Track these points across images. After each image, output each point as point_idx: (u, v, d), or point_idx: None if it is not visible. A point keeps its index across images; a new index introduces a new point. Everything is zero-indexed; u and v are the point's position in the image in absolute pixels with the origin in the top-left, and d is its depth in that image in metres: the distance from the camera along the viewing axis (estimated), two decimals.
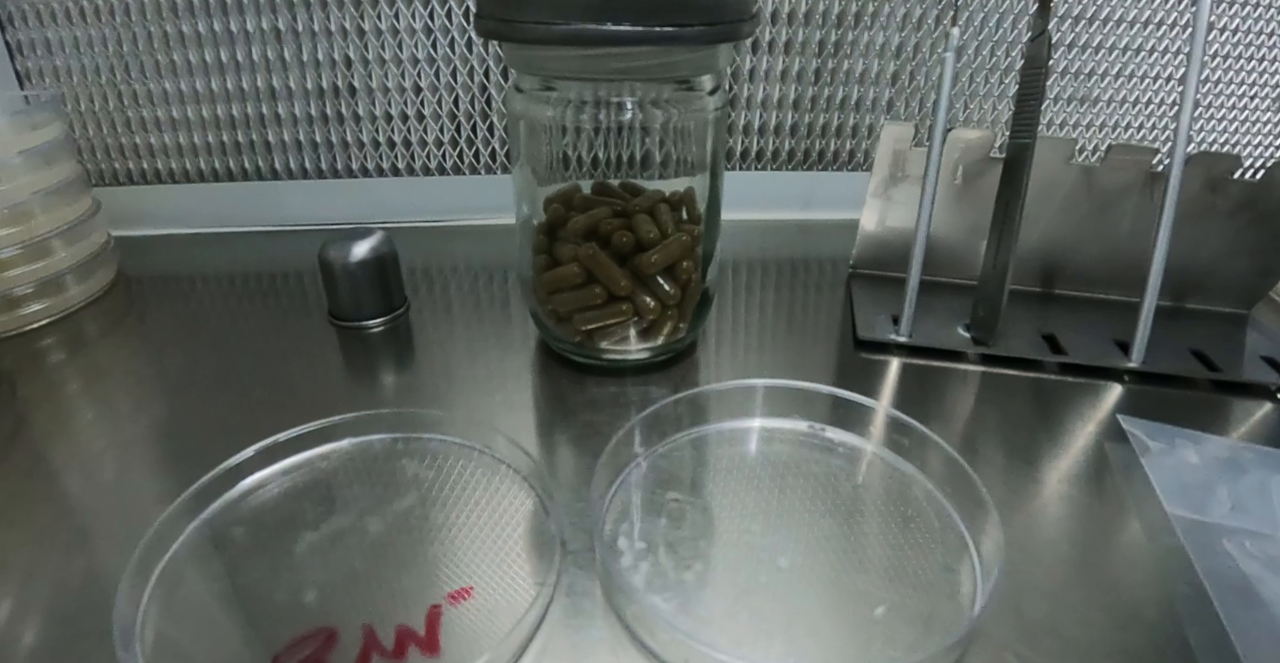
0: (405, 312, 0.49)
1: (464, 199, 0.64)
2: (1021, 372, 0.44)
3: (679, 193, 0.40)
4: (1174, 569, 0.30)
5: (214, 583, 0.29)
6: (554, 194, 0.40)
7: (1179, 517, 0.33)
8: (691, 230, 0.40)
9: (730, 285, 0.54)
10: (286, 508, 0.32)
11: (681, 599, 0.28)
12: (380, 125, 0.61)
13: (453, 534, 0.31)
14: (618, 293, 0.39)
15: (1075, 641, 0.27)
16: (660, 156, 0.39)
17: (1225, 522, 0.33)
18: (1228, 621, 0.28)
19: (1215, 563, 0.31)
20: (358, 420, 0.36)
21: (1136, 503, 0.34)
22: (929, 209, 0.44)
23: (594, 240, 0.39)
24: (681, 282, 0.40)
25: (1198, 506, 0.34)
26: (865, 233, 0.53)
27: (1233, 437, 0.39)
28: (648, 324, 0.40)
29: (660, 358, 0.43)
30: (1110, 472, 0.36)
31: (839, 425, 0.38)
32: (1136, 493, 0.35)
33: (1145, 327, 0.43)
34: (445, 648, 0.26)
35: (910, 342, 0.46)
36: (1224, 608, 0.29)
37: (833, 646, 0.27)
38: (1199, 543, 0.32)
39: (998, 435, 0.38)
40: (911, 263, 0.45)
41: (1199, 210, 0.47)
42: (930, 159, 0.44)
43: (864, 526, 0.32)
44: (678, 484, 0.34)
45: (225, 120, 0.60)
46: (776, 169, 0.66)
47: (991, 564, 0.29)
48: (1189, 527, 0.32)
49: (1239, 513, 0.33)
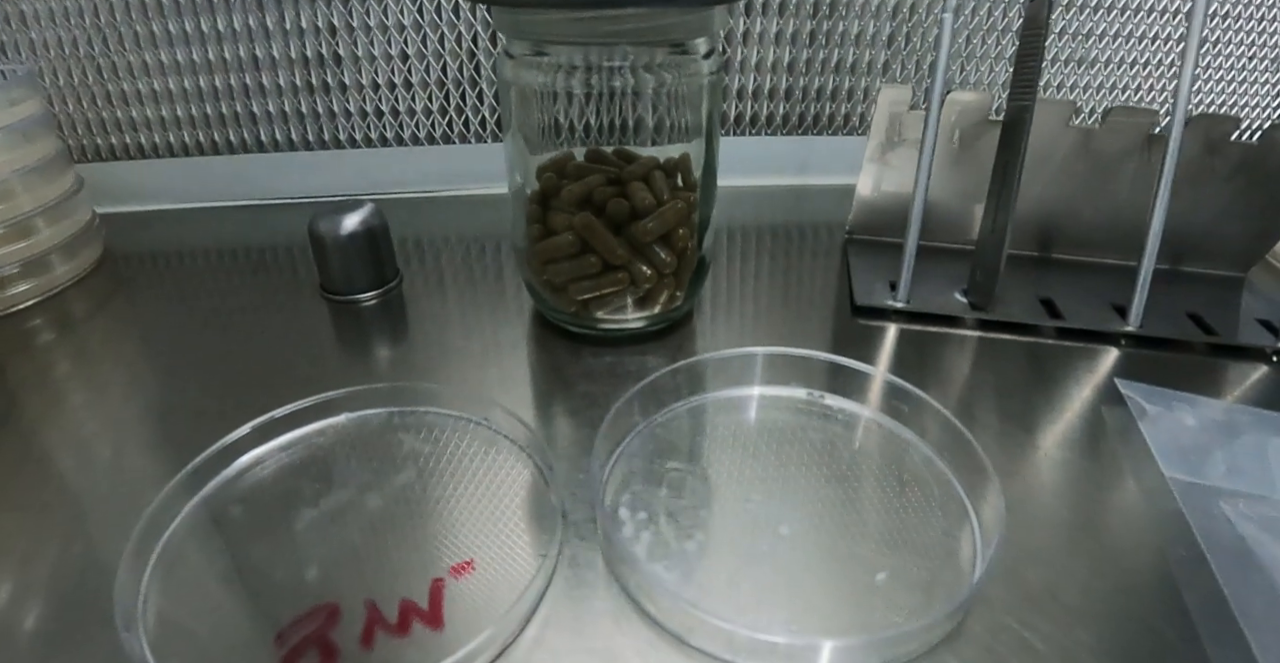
0: (398, 284, 0.48)
1: (454, 169, 0.63)
2: (1019, 336, 0.44)
3: (674, 159, 0.40)
4: (1171, 532, 0.31)
5: (214, 562, 0.29)
6: (547, 162, 0.39)
7: (1176, 480, 0.33)
8: (687, 197, 0.39)
9: (725, 253, 0.54)
10: (284, 485, 0.32)
11: (683, 568, 0.29)
12: (367, 94, 0.60)
13: (453, 508, 0.31)
14: (613, 262, 0.38)
15: (1074, 605, 0.27)
16: (654, 123, 0.38)
17: (1221, 484, 0.33)
18: (1224, 582, 0.28)
19: (1212, 525, 0.31)
20: (354, 395, 0.36)
21: (1134, 467, 0.34)
22: (927, 173, 0.44)
23: (588, 209, 0.38)
24: (678, 249, 0.39)
25: (1194, 468, 0.34)
26: (861, 198, 0.53)
27: (1229, 399, 0.39)
28: (644, 293, 0.40)
29: (657, 327, 0.42)
30: (1107, 436, 0.36)
31: (838, 392, 0.37)
32: (1134, 457, 0.35)
33: (1143, 291, 0.43)
34: (449, 621, 0.26)
35: (907, 307, 0.45)
36: (1220, 570, 0.29)
37: (834, 612, 0.27)
38: (1196, 505, 0.32)
39: (995, 401, 0.38)
40: (909, 228, 0.45)
41: (1197, 173, 0.46)
42: (928, 122, 0.43)
43: (864, 492, 0.32)
44: (677, 453, 0.34)
45: (208, 92, 0.58)
46: (771, 134, 0.65)
47: (991, 530, 0.29)
48: (1186, 489, 0.33)
49: (1235, 475, 0.33)
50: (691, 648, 0.26)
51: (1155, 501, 0.32)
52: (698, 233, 0.41)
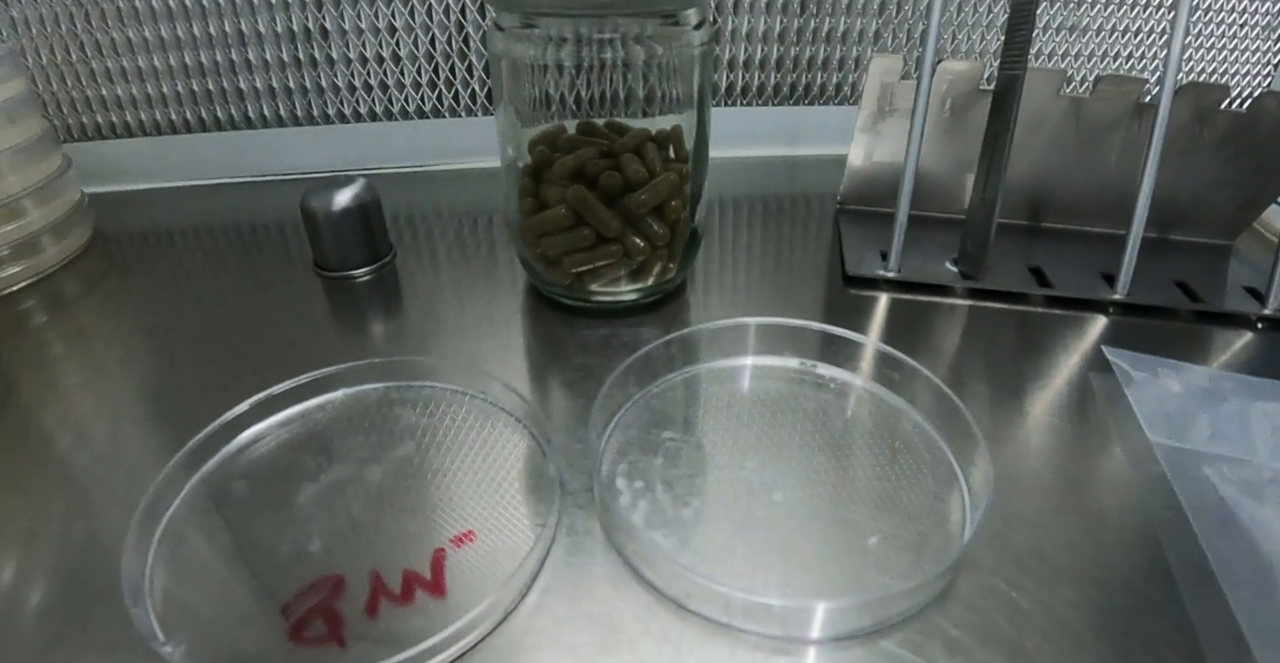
0: (391, 260, 0.48)
1: (445, 142, 0.62)
2: (1008, 305, 0.44)
3: (665, 131, 0.39)
4: (1156, 496, 0.31)
5: (218, 537, 0.29)
6: (538, 136, 0.39)
7: (1161, 445, 0.34)
8: (679, 169, 0.39)
9: (717, 224, 0.54)
10: (285, 460, 0.32)
11: (680, 535, 0.29)
12: (355, 68, 0.59)
13: (452, 480, 0.32)
14: (607, 234, 0.39)
15: (1061, 565, 0.28)
16: (645, 94, 0.38)
17: (1205, 449, 0.34)
18: (1206, 543, 0.29)
19: (1195, 488, 0.32)
20: (351, 371, 0.36)
21: (1120, 432, 0.35)
22: (918, 143, 0.44)
23: (581, 182, 0.38)
24: (670, 221, 0.40)
25: (1179, 433, 0.34)
26: (853, 168, 0.53)
27: (1214, 365, 0.39)
28: (637, 265, 0.40)
29: (650, 299, 0.43)
30: (1094, 403, 0.37)
31: (830, 362, 0.38)
32: (1120, 422, 0.35)
33: (1131, 259, 0.43)
34: (451, 590, 0.27)
35: (898, 277, 0.46)
36: (1202, 532, 0.29)
37: (828, 575, 0.28)
38: (1180, 469, 0.32)
39: (985, 368, 0.39)
40: (900, 198, 0.45)
41: (1186, 141, 0.46)
42: (919, 92, 0.43)
43: (856, 459, 0.33)
44: (673, 423, 0.35)
45: (194, 68, 0.58)
46: (762, 104, 0.65)
47: (980, 494, 0.29)
48: (1170, 454, 0.33)
49: (1218, 440, 0.34)
50: (689, 612, 0.26)
51: (1140, 465, 0.33)
52: (690, 204, 0.41)
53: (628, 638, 0.25)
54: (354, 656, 0.24)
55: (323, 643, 0.25)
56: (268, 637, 0.25)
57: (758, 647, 0.25)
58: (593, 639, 0.25)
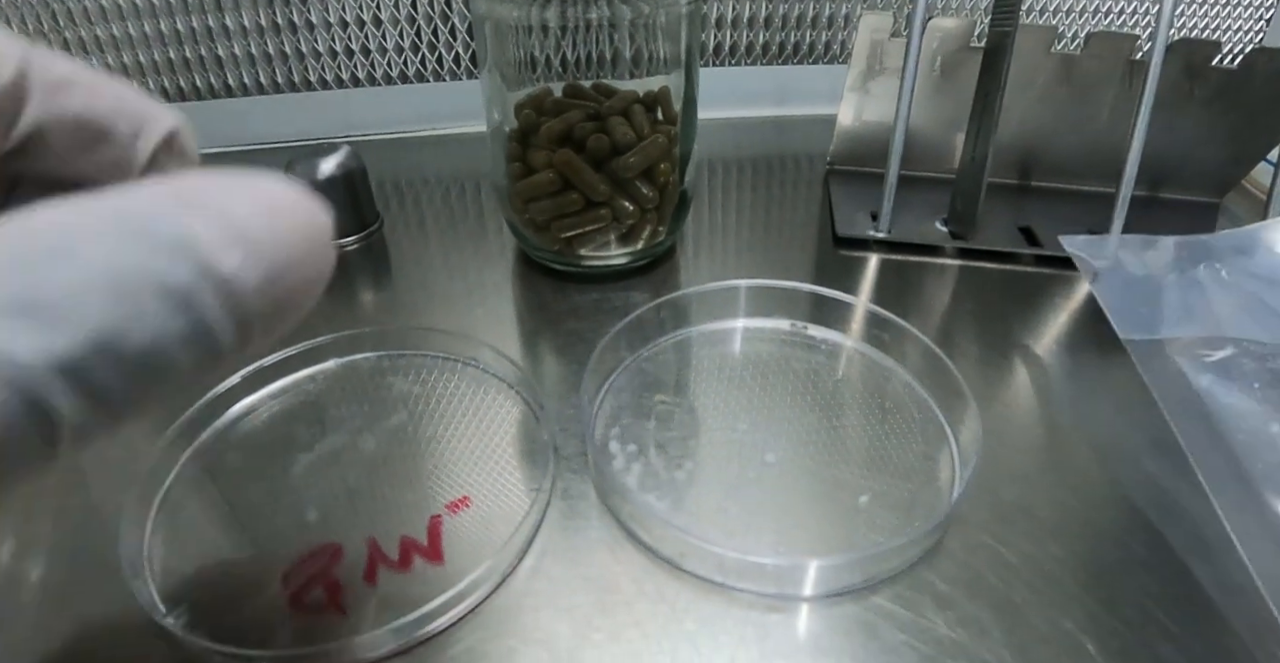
0: (379, 228, 0.48)
1: (430, 108, 0.61)
2: (998, 264, 0.44)
3: (653, 92, 0.39)
4: (1142, 447, 0.32)
5: (215, 509, 0.29)
6: (524, 99, 0.39)
7: (1133, 342, 0.33)
8: (668, 131, 0.39)
9: (706, 186, 0.53)
10: (279, 431, 0.33)
11: (674, 497, 0.29)
12: (336, 33, 0.58)
13: (446, 447, 0.32)
14: (595, 198, 0.38)
15: (1047, 521, 0.29)
16: (632, 55, 0.37)
17: (1173, 334, 0.33)
18: (1186, 444, 0.29)
19: (1170, 385, 0.31)
20: (342, 340, 0.36)
21: (1110, 390, 0.35)
22: (908, 102, 0.44)
23: (568, 145, 0.38)
24: (659, 184, 0.39)
25: (1148, 323, 0.34)
26: (843, 128, 0.52)
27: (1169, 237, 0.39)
28: (627, 229, 0.40)
29: (641, 262, 0.43)
30: (1082, 360, 0.37)
31: (820, 323, 0.38)
32: (1110, 381, 0.36)
33: (1120, 217, 0.43)
34: (449, 555, 0.27)
35: (889, 237, 0.46)
36: (1182, 432, 0.29)
37: (820, 534, 0.28)
38: (1154, 367, 0.32)
39: (975, 327, 0.39)
40: (890, 158, 0.45)
41: (1176, 98, 0.46)
42: (909, 49, 0.43)
43: (846, 419, 0.33)
44: (665, 387, 0.35)
45: (170, 36, 0.57)
46: (750, 64, 0.64)
47: (969, 452, 0.30)
48: (1142, 350, 0.33)
49: (1184, 321, 0.34)
50: (684, 572, 0.27)
51: (1129, 415, 0.33)
52: (679, 167, 0.41)
53: (624, 599, 0.26)
54: (354, 622, 0.25)
55: (323, 610, 0.25)
56: (268, 605, 0.25)
57: (752, 605, 0.26)
58: (590, 601, 0.26)
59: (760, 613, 0.25)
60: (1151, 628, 0.25)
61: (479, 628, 0.25)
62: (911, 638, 0.25)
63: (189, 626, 0.25)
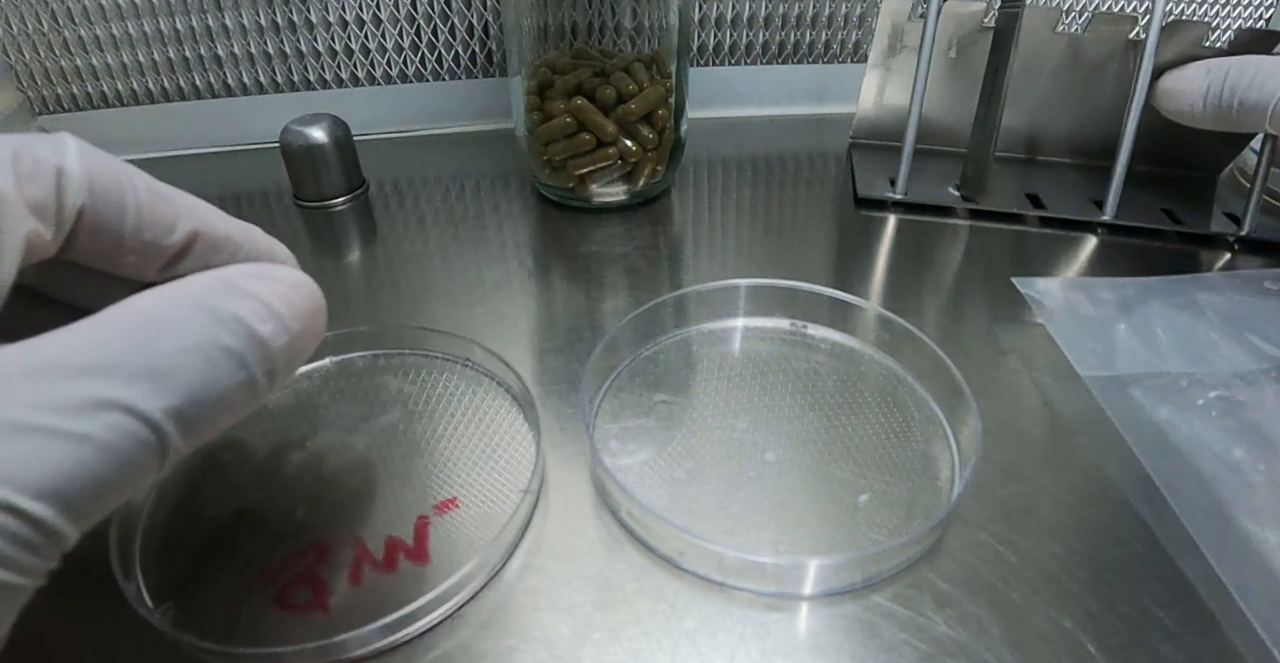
0: (364, 191, 0.48)
1: (429, 107, 0.61)
2: (1005, 225, 0.48)
3: (650, 53, 0.46)
4: (1109, 439, 0.32)
5: (205, 506, 0.29)
6: (541, 60, 0.46)
7: (1091, 378, 0.34)
8: (665, 83, 0.45)
9: (721, 176, 0.53)
10: (272, 428, 0.32)
11: (673, 496, 0.29)
12: (335, 32, 0.58)
13: (438, 447, 0.31)
14: (604, 138, 0.44)
15: (1047, 519, 0.28)
16: (634, 27, 0.45)
17: (1130, 370, 0.34)
18: (1156, 476, 0.30)
19: (1133, 419, 0.32)
20: (338, 338, 0.36)
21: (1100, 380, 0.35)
22: (924, 80, 0.47)
23: (579, 97, 0.44)
24: (658, 128, 0.45)
25: (1104, 360, 0.35)
26: (865, 104, 0.55)
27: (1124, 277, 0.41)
28: (630, 167, 0.46)
29: (639, 202, 0.49)
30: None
31: (820, 322, 0.38)
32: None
33: (1118, 182, 0.46)
34: (434, 556, 0.27)
35: (905, 199, 0.49)
36: (1150, 464, 0.30)
37: (820, 533, 0.28)
38: (1113, 401, 0.33)
39: (983, 290, 0.41)
40: (908, 129, 0.48)
41: None
42: (926, 32, 0.46)
43: (846, 418, 0.33)
44: (664, 386, 0.35)
45: (170, 35, 0.56)
46: (751, 64, 0.64)
47: (969, 451, 0.30)
48: (1102, 386, 0.33)
49: (1135, 357, 0.34)
50: (684, 571, 0.26)
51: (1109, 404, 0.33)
52: (675, 115, 0.47)
53: (623, 597, 0.26)
54: (339, 621, 0.25)
55: (308, 609, 0.25)
56: (256, 604, 0.25)
57: (751, 603, 0.26)
58: (589, 599, 0.26)
59: (760, 612, 0.25)
60: (1150, 627, 0.25)
61: (474, 627, 0.25)
62: (911, 637, 0.24)
63: (177, 623, 0.25)
